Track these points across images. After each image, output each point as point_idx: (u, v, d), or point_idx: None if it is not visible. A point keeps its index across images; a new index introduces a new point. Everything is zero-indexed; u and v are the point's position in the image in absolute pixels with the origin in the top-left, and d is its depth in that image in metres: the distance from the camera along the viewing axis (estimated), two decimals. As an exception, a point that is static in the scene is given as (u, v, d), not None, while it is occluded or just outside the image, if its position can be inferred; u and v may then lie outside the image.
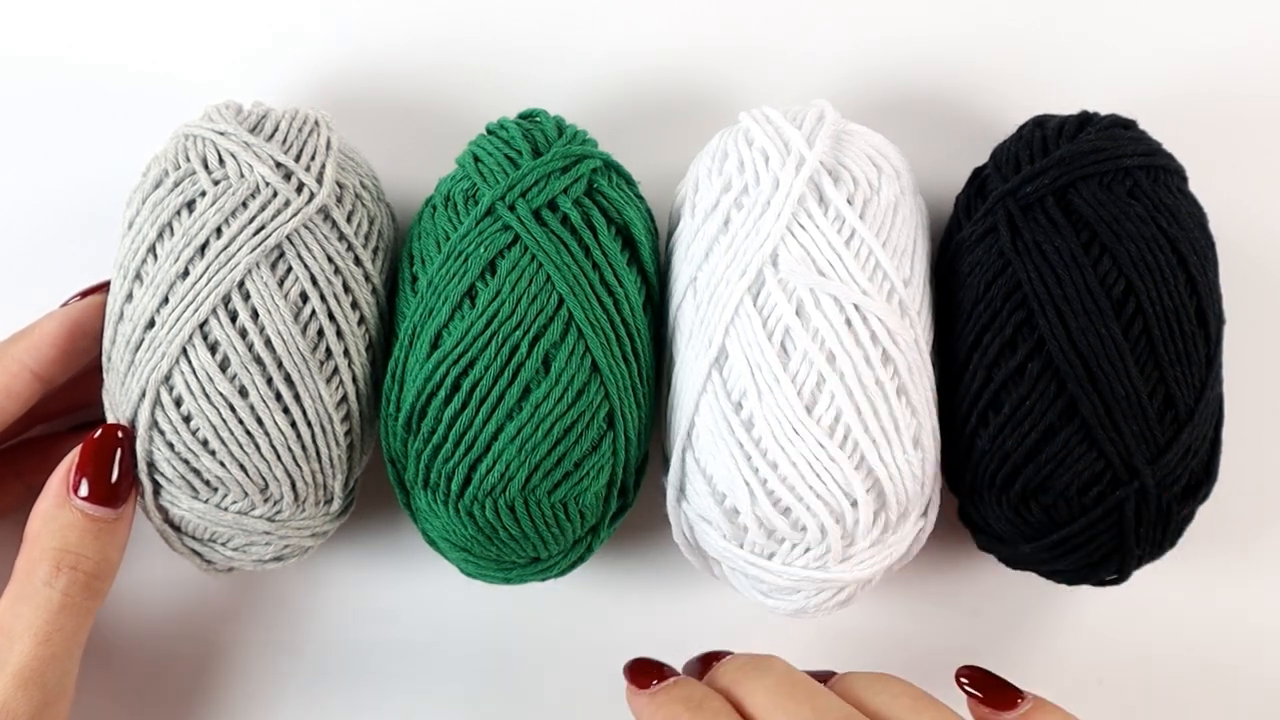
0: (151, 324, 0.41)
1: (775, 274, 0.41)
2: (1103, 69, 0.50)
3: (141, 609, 0.49)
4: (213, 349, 0.40)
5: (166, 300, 0.41)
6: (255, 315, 0.41)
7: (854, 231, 0.41)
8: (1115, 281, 0.41)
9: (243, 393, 0.41)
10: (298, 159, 0.42)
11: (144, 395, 0.41)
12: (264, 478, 0.41)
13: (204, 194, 0.41)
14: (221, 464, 0.41)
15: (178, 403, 0.41)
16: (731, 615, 0.49)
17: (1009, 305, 0.42)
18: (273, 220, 0.41)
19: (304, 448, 0.42)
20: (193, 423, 0.41)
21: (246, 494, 0.42)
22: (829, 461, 0.40)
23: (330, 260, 0.42)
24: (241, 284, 0.41)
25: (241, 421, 0.41)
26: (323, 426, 0.42)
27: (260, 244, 0.41)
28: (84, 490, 0.41)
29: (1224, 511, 0.46)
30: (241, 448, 0.41)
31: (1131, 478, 0.41)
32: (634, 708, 0.41)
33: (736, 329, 0.41)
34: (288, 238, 0.41)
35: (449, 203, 0.43)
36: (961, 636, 0.49)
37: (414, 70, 0.50)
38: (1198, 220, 0.43)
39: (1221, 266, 0.43)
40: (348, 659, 0.49)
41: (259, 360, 0.41)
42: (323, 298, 0.42)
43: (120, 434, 0.41)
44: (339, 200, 0.43)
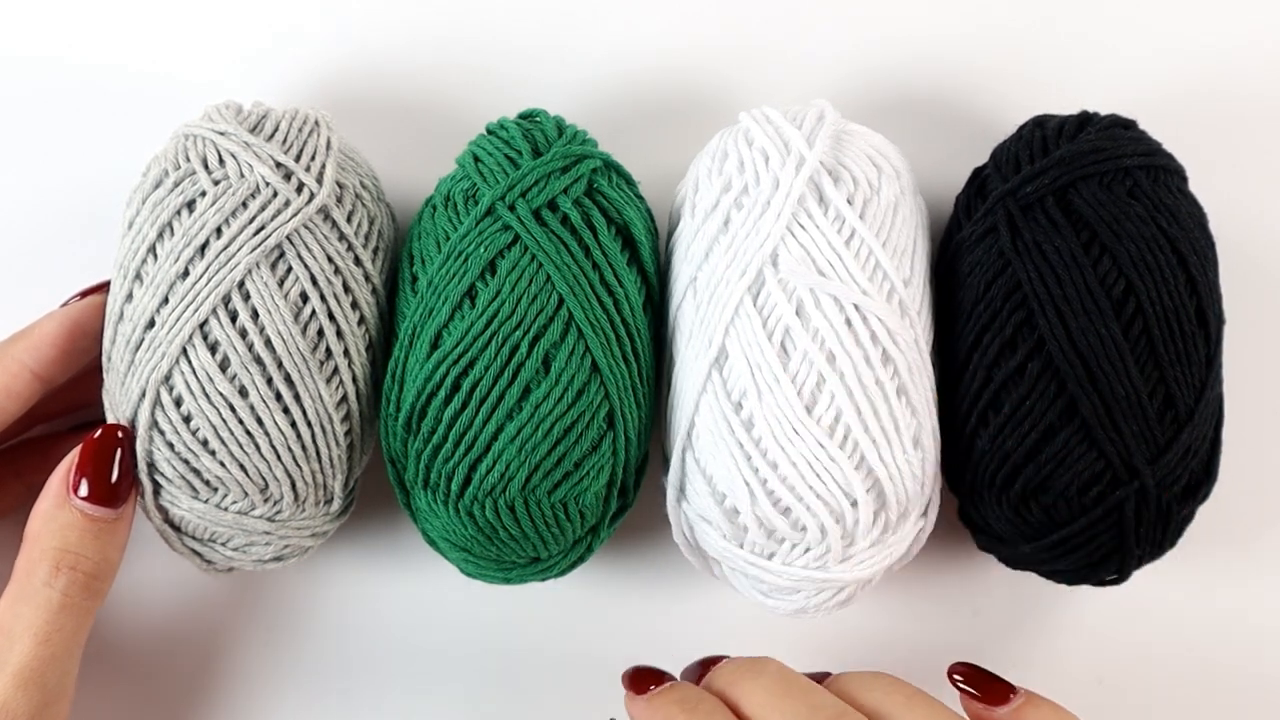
0: (151, 324, 0.41)
1: (775, 274, 0.41)
2: (1103, 69, 0.50)
3: (141, 609, 0.49)
4: (213, 349, 0.40)
5: (166, 300, 0.41)
6: (255, 315, 0.41)
7: (854, 231, 0.41)
8: (1115, 281, 0.41)
9: (243, 393, 0.41)
10: (298, 159, 0.42)
11: (144, 395, 0.41)
12: (264, 478, 0.41)
13: (204, 194, 0.41)
14: (221, 464, 0.41)
15: (178, 403, 0.41)
16: (731, 615, 0.49)
17: (1009, 305, 0.42)
18: (273, 220, 0.41)
19: (304, 448, 0.42)
20: (193, 423, 0.41)
21: (246, 494, 0.42)
22: (829, 461, 0.40)
23: (330, 260, 0.42)
24: (241, 284, 0.41)
25: (241, 421, 0.41)
26: (323, 426, 0.42)
27: (260, 244, 0.41)
28: (84, 490, 0.41)
29: (1224, 511, 0.46)
30: (241, 448, 0.41)
31: (1131, 478, 0.41)
32: (631, 712, 0.41)
33: (736, 329, 0.41)
34: (288, 238, 0.41)
35: (449, 203, 0.43)
36: (961, 636, 0.49)
37: (414, 70, 0.50)
38: (1198, 220, 0.43)
39: (1221, 266, 0.43)
40: (348, 659, 0.49)
41: (259, 360, 0.41)
42: (323, 298, 0.42)
43: (120, 434, 0.41)
44: (339, 200, 0.43)
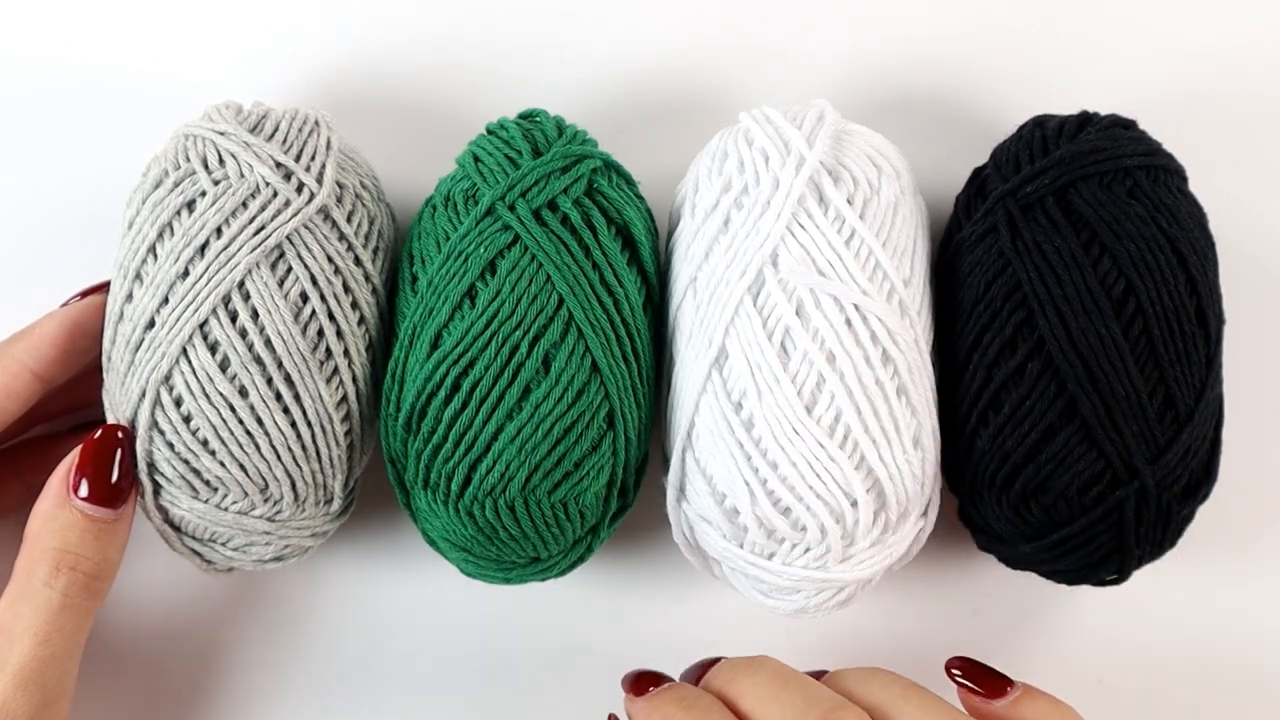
0: (151, 324, 0.41)
1: (775, 274, 0.41)
2: (1103, 69, 0.50)
3: (141, 609, 0.49)
4: (213, 349, 0.40)
5: (166, 300, 0.41)
6: (255, 315, 0.41)
7: (854, 231, 0.41)
8: (1115, 281, 0.41)
9: (243, 393, 0.41)
10: (298, 159, 0.42)
11: (144, 395, 0.41)
12: (264, 478, 0.41)
13: (204, 194, 0.41)
14: (221, 464, 0.41)
15: (178, 403, 0.41)
16: (731, 615, 0.49)
17: (1009, 305, 0.42)
18: (273, 220, 0.41)
19: (304, 448, 0.41)
20: (193, 423, 0.41)
21: (246, 494, 0.42)
22: (829, 461, 0.40)
23: (330, 260, 0.42)
24: (241, 284, 0.41)
25: (241, 421, 0.41)
26: (323, 426, 0.42)
27: (260, 244, 0.41)
28: (84, 490, 0.41)
29: (1224, 511, 0.46)
30: (241, 448, 0.41)
31: (1131, 478, 0.41)
32: (630, 712, 0.41)
33: (736, 329, 0.41)
34: (288, 238, 0.41)
35: (449, 203, 0.43)
36: (961, 636, 0.49)
37: (414, 70, 0.50)
38: (1198, 220, 0.43)
39: (1221, 266, 0.43)
40: (348, 659, 0.49)
41: (259, 360, 0.41)
42: (323, 298, 0.42)
43: (120, 434, 0.41)
44: (339, 200, 0.43)
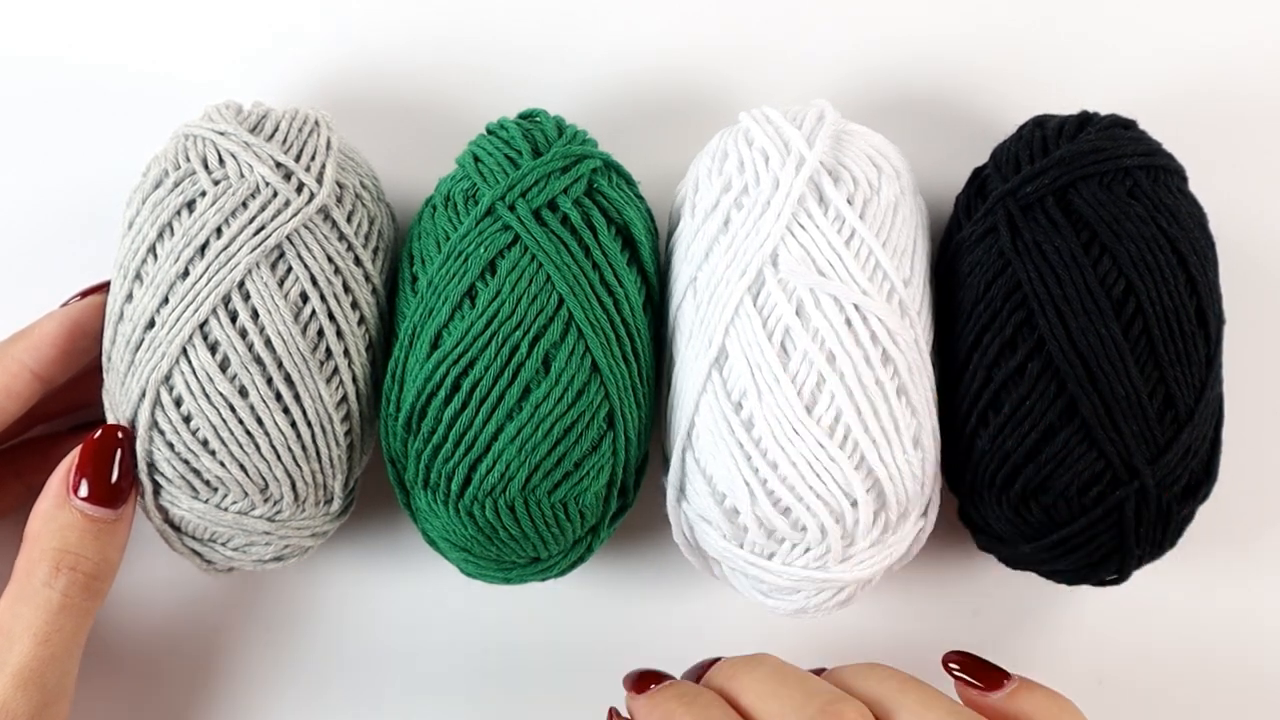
0: (151, 324, 0.41)
1: (775, 274, 0.41)
2: (1103, 69, 0.50)
3: (141, 609, 0.49)
4: (213, 349, 0.40)
5: (166, 300, 0.41)
6: (255, 315, 0.41)
7: (854, 231, 0.41)
8: (1115, 281, 0.41)
9: (243, 393, 0.41)
10: (298, 159, 0.42)
11: (144, 395, 0.41)
12: (264, 478, 0.41)
13: (204, 194, 0.41)
14: (221, 464, 0.41)
15: (178, 403, 0.41)
16: (731, 615, 0.49)
17: (1009, 305, 0.42)
18: (273, 220, 0.41)
19: (304, 448, 0.41)
20: (193, 423, 0.41)
21: (246, 494, 0.42)
22: (829, 461, 0.40)
23: (330, 260, 0.42)
24: (241, 284, 0.41)
25: (241, 421, 0.41)
26: (323, 426, 0.42)
27: (260, 244, 0.41)
28: (84, 490, 0.41)
29: (1224, 511, 0.46)
30: (241, 448, 0.41)
31: (1131, 478, 0.41)
32: (632, 710, 0.41)
33: (736, 329, 0.41)
34: (288, 238, 0.41)
35: (449, 203, 0.43)
36: (961, 636, 0.48)
37: (414, 70, 0.50)
38: (1198, 220, 0.43)
39: (1221, 266, 0.43)
40: (347, 659, 0.49)
41: (259, 360, 0.41)
42: (323, 298, 0.42)
43: (120, 434, 0.41)
44: (339, 200, 0.43)
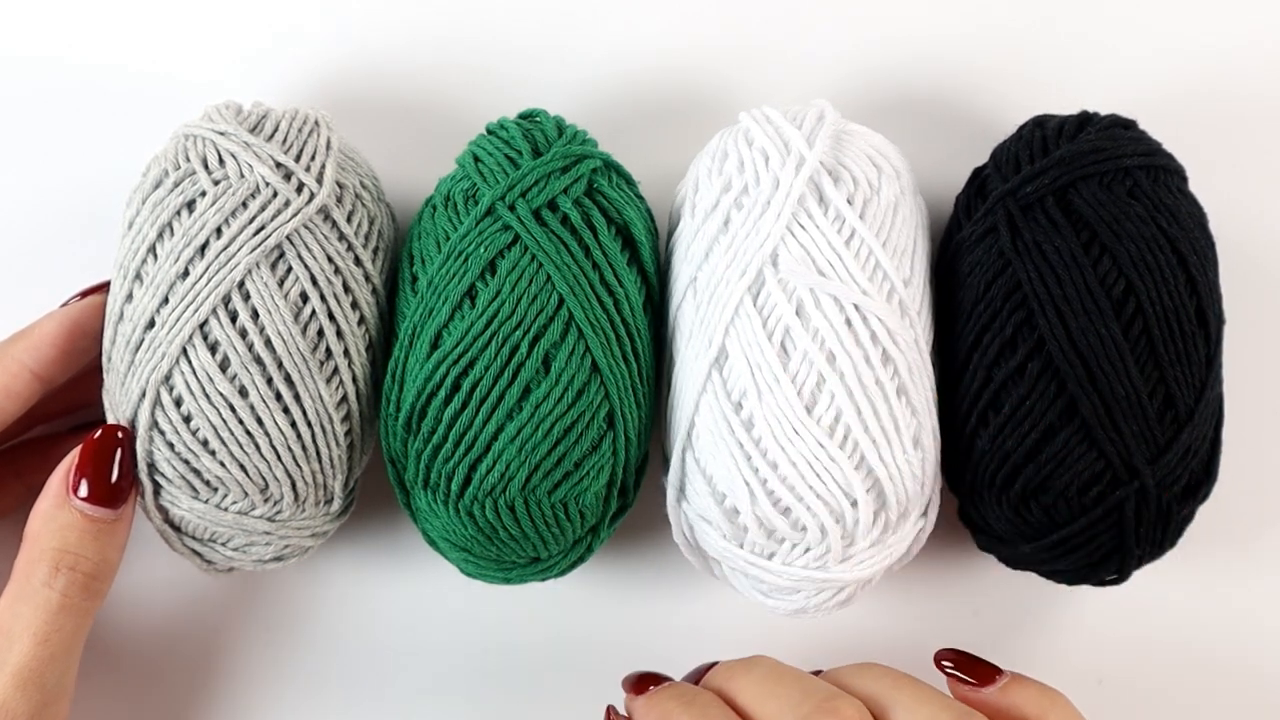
0: (151, 324, 0.41)
1: (775, 274, 0.41)
2: (1103, 69, 0.50)
3: (141, 609, 0.49)
4: (213, 349, 0.40)
5: (166, 300, 0.41)
6: (255, 315, 0.41)
7: (854, 231, 0.41)
8: (1115, 281, 0.41)
9: (243, 393, 0.41)
10: (298, 159, 0.42)
11: (144, 395, 0.41)
12: (264, 478, 0.41)
13: (204, 194, 0.41)
14: (221, 464, 0.41)
15: (178, 403, 0.41)
16: (731, 615, 0.49)
17: (1009, 305, 0.42)
18: (273, 220, 0.41)
19: (304, 448, 0.41)
20: (193, 423, 0.41)
21: (246, 494, 0.42)
22: (829, 461, 0.40)
23: (330, 260, 0.42)
24: (241, 284, 0.41)
25: (241, 421, 0.41)
26: (323, 426, 0.42)
27: (260, 244, 0.41)
28: (84, 490, 0.41)
29: (1224, 511, 0.46)
30: (241, 448, 0.41)
31: (1131, 478, 0.41)
32: (631, 710, 0.41)
33: (736, 329, 0.41)
34: (288, 238, 0.41)
35: (449, 203, 0.43)
36: (961, 636, 0.48)
37: (414, 70, 0.50)
38: (1198, 220, 0.43)
39: (1221, 266, 0.43)
40: (347, 659, 0.49)
41: (259, 360, 0.41)
42: (323, 298, 0.42)
43: (120, 434, 0.41)
44: (339, 200, 0.43)
